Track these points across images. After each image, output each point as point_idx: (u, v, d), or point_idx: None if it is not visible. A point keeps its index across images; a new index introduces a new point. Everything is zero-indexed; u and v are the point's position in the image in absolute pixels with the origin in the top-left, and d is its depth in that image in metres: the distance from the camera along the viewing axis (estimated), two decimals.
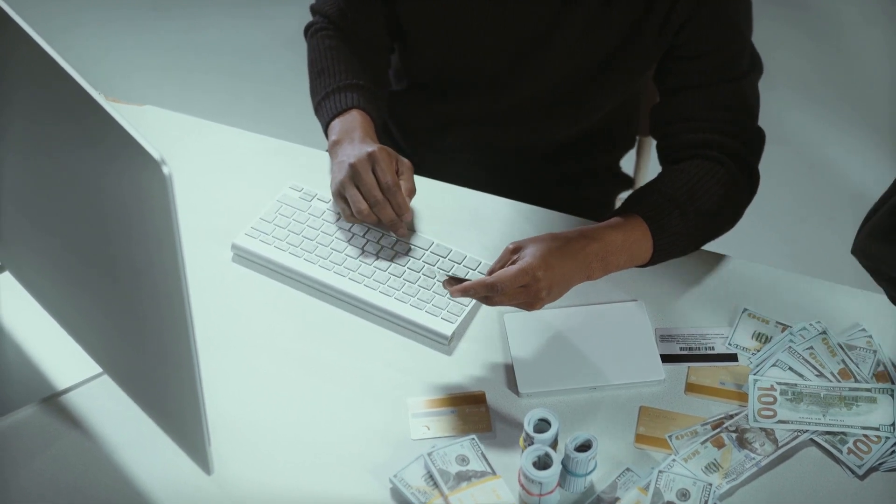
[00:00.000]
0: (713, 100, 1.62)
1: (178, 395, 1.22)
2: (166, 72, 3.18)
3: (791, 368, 1.47)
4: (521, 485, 1.34)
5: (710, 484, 1.36)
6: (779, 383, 1.45)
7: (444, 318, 1.52)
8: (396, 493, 1.37)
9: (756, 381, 1.45)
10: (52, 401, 1.44)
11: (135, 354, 1.28)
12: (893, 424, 1.42)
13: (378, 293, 1.55)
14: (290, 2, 3.28)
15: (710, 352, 1.51)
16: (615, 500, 1.36)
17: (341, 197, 1.58)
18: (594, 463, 1.36)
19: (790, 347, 1.49)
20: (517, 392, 1.47)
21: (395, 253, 1.59)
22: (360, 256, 1.59)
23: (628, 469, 1.39)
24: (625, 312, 1.54)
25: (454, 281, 1.45)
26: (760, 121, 1.66)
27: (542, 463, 1.33)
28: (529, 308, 1.45)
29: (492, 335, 1.53)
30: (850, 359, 1.48)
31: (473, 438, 1.40)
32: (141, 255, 1.13)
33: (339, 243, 1.60)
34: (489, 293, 1.43)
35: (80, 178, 1.16)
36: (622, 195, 2.03)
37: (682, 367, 1.50)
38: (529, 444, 1.35)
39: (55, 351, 1.48)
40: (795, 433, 1.42)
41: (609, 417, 1.45)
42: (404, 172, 1.59)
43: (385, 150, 1.58)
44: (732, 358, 1.50)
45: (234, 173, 1.72)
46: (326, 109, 1.68)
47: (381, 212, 1.56)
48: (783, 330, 1.52)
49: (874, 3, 3.41)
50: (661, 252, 1.56)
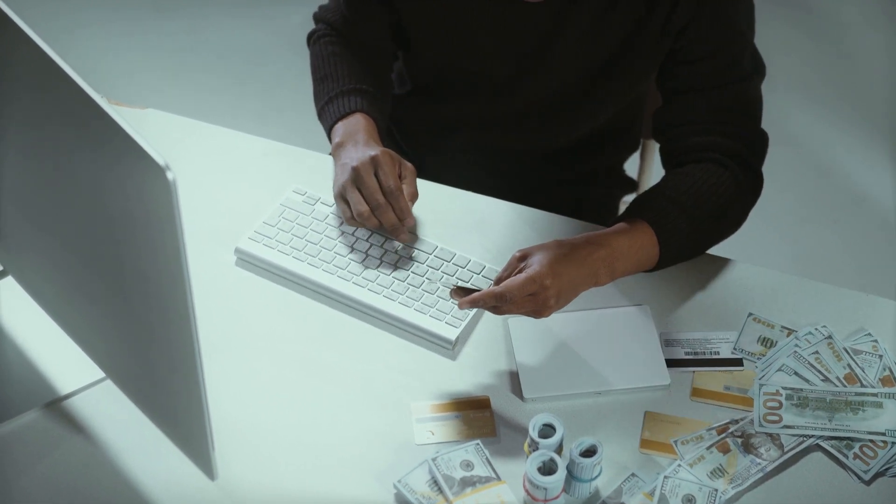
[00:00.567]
0: (716, 102, 1.61)
1: (181, 401, 1.22)
2: (168, 74, 3.17)
3: (797, 373, 1.47)
4: (526, 490, 1.33)
5: (716, 489, 1.35)
6: (784, 388, 1.45)
7: (448, 322, 1.52)
8: (401, 499, 1.36)
9: (762, 386, 1.45)
10: (55, 406, 1.44)
11: (138, 360, 1.28)
12: None
13: (382, 297, 1.54)
14: (293, 2, 3.27)
15: (715, 356, 1.50)
16: None
17: (343, 199, 1.57)
18: (599, 468, 1.35)
19: (796, 352, 1.49)
20: (522, 397, 1.46)
21: (399, 257, 1.59)
22: (364, 260, 1.58)
23: (633, 474, 1.38)
24: (630, 317, 1.54)
25: (462, 291, 1.44)
26: (763, 123, 1.66)
27: (547, 468, 1.32)
28: (538, 316, 1.44)
29: (496, 340, 1.52)
30: (856, 363, 1.48)
31: (478, 443, 1.39)
32: (145, 260, 1.13)
33: (342, 247, 1.60)
34: (498, 303, 1.42)
35: (84, 182, 1.16)
36: (626, 198, 2.03)
37: (687, 372, 1.49)
38: (534, 450, 1.34)
39: (58, 356, 1.47)
40: (801, 438, 1.42)
41: (614, 422, 1.44)
42: (407, 176, 1.58)
43: (388, 154, 1.57)
44: (738, 363, 1.50)
45: (237, 176, 1.71)
46: (330, 113, 1.67)
47: (383, 216, 1.55)
48: (788, 334, 1.52)
49: (875, 4, 3.40)
50: (667, 257, 1.55)
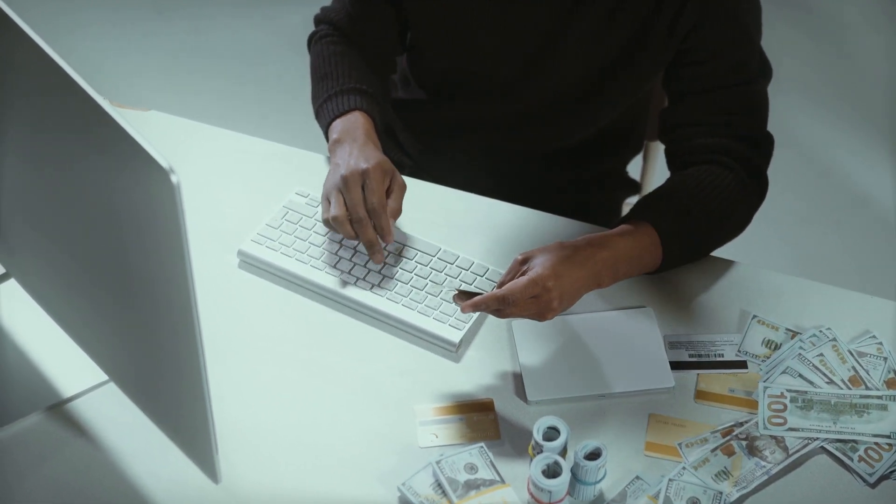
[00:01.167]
0: (722, 104, 1.61)
1: (185, 404, 1.22)
2: (169, 75, 3.17)
3: (801, 375, 1.47)
4: (531, 493, 1.33)
5: (721, 492, 1.35)
6: (789, 391, 1.44)
7: (451, 324, 1.51)
8: (404, 501, 1.36)
9: (766, 388, 1.45)
10: (58, 409, 1.44)
11: (142, 363, 1.27)
12: None
13: (385, 300, 1.54)
14: (295, 2, 3.27)
15: (719, 359, 1.50)
16: None
17: (326, 200, 1.56)
18: (604, 471, 1.35)
19: (800, 354, 1.48)
20: (525, 400, 1.46)
21: (402, 259, 1.58)
22: (367, 263, 1.58)
23: (638, 477, 1.38)
24: (634, 319, 1.53)
25: (464, 295, 1.44)
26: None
27: (552, 471, 1.32)
28: (541, 318, 1.44)
29: (500, 342, 1.52)
30: (861, 366, 1.47)
31: (482, 446, 1.39)
32: (148, 263, 1.12)
33: (345, 250, 1.59)
34: (500, 306, 1.42)
35: (87, 185, 1.16)
36: (629, 200, 2.03)
37: (691, 375, 1.49)
38: (538, 453, 1.34)
39: (61, 358, 1.47)
40: (806, 441, 1.41)
41: (618, 425, 1.44)
42: (395, 191, 1.56)
43: (379, 169, 1.54)
44: (742, 365, 1.49)
45: (240, 179, 1.71)
46: (328, 111, 1.66)
47: (361, 231, 1.52)
48: (793, 337, 1.52)
49: (875, 4, 3.40)
50: (671, 259, 1.55)
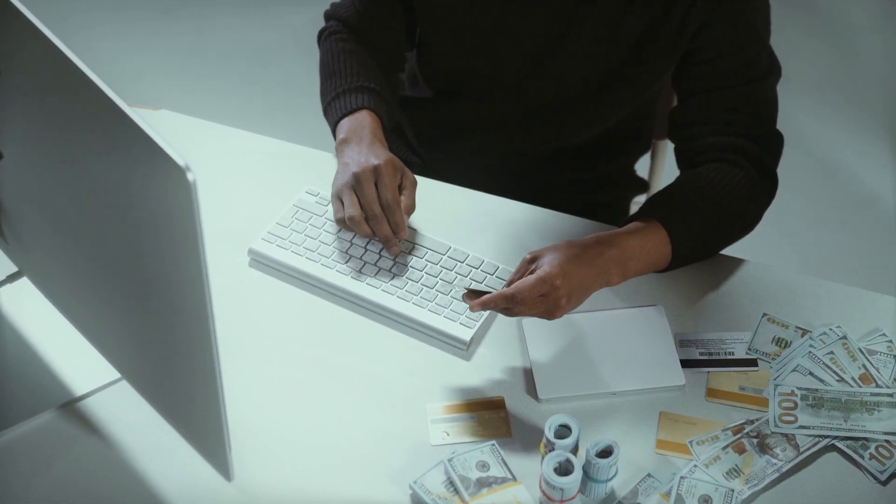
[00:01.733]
0: (731, 103, 1.61)
1: (198, 402, 1.22)
2: (176, 75, 3.17)
3: (812, 373, 1.47)
4: (542, 491, 1.33)
5: (732, 489, 1.35)
6: (799, 389, 1.45)
7: (462, 322, 1.52)
8: (416, 499, 1.36)
9: (777, 386, 1.45)
10: (71, 406, 1.44)
11: (155, 361, 1.28)
12: None
13: (395, 298, 1.54)
14: (303, 1, 3.27)
15: (730, 357, 1.50)
16: None
17: (338, 199, 1.57)
18: (615, 469, 1.35)
19: (810, 352, 1.48)
20: (536, 397, 1.46)
21: (412, 258, 1.59)
22: (378, 261, 1.58)
23: (649, 475, 1.38)
24: (644, 317, 1.53)
25: (473, 294, 1.44)
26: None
27: (564, 469, 1.32)
28: (550, 317, 1.44)
29: (510, 340, 1.52)
30: (871, 363, 1.48)
31: (493, 444, 1.39)
32: (163, 262, 1.13)
33: (356, 248, 1.59)
34: (509, 304, 1.42)
35: (102, 183, 1.16)
36: (637, 199, 2.03)
37: (702, 373, 1.49)
38: (550, 450, 1.34)
39: (73, 356, 1.47)
40: (817, 439, 1.41)
41: (629, 423, 1.44)
42: (407, 188, 1.57)
43: (391, 165, 1.56)
44: (752, 363, 1.50)
45: (250, 177, 1.71)
46: (336, 109, 1.66)
47: (377, 227, 1.54)
48: (803, 335, 1.52)
49: (881, 5, 3.40)
50: (680, 257, 1.55)
